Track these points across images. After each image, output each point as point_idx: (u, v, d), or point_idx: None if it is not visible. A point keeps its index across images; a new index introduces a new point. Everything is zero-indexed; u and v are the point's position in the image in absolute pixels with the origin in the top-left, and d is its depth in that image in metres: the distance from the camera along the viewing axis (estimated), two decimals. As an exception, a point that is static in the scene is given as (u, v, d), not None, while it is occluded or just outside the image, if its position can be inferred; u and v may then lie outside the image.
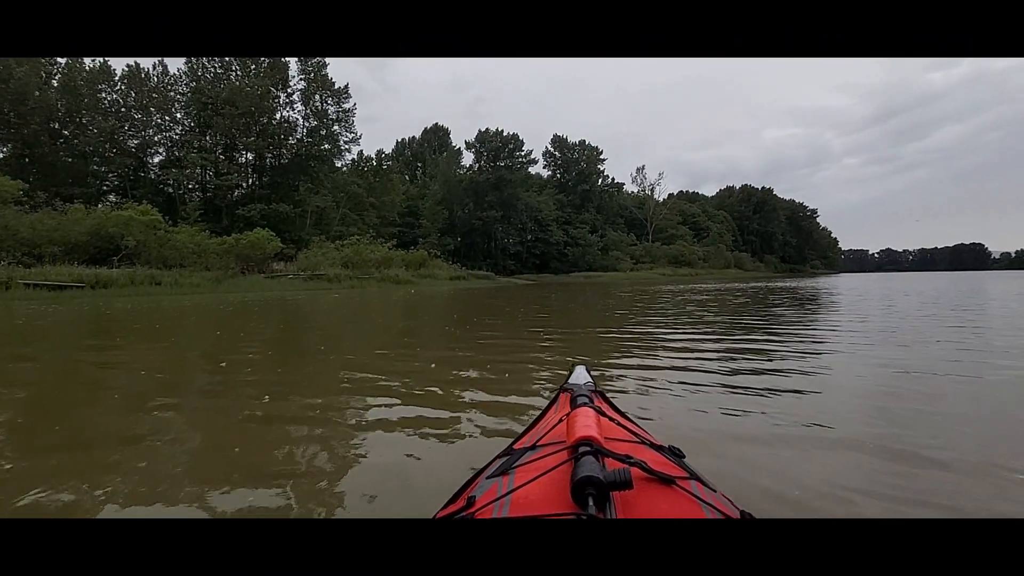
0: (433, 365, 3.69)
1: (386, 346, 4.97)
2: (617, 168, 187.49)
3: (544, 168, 59.52)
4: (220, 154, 34.36)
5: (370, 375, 3.37)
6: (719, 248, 66.38)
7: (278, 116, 35.89)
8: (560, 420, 0.94)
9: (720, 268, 61.94)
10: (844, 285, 20.65)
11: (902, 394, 2.70)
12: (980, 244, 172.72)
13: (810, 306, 9.36)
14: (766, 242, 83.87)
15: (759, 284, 23.34)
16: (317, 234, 32.07)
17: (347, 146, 38.56)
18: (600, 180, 59.87)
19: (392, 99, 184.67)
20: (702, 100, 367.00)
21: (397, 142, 59.19)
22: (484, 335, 5.65)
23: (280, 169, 36.02)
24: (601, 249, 53.09)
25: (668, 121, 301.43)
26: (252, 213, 30.50)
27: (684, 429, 2.14)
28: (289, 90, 36.09)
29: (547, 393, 2.74)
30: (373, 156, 40.96)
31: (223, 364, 3.85)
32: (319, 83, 36.33)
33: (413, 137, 59.30)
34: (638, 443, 0.87)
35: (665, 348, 4.43)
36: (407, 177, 52.45)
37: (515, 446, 0.95)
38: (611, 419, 0.95)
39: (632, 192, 68.31)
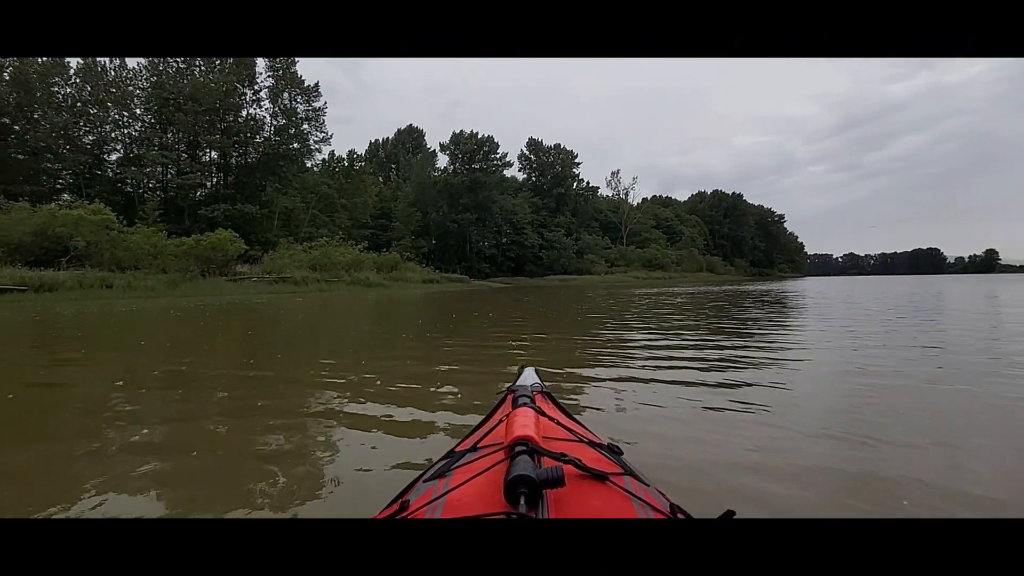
0: (375, 377, 3.37)
1: (335, 354, 4.61)
2: (592, 172, 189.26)
3: (519, 171, 59.50)
4: (182, 152, 33.07)
5: (314, 387, 3.03)
6: (692, 252, 67.45)
7: (244, 114, 34.77)
8: (500, 421, 0.97)
9: (693, 271, 62.93)
10: (813, 289, 21.04)
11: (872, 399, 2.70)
12: (937, 249, 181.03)
13: (785, 311, 9.35)
14: (736, 246, 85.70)
15: (732, 287, 23.63)
16: (285, 235, 31.13)
17: (317, 146, 37.67)
18: (575, 183, 60.10)
19: (367, 100, 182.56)
20: (675, 107, 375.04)
21: (370, 143, 58.23)
22: (446, 342, 5.34)
23: (246, 168, 34.86)
24: (576, 252, 53.21)
25: (642, 127, 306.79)
26: (216, 214, 29.37)
27: (647, 429, 2.18)
28: (256, 87, 35.01)
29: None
30: (345, 156, 40.11)
31: (120, 383, 3.44)
32: (288, 80, 35.36)
33: (387, 138, 58.46)
34: (576, 441, 0.88)
35: (642, 355, 4.21)
36: (380, 179, 51.59)
37: (456, 449, 0.94)
38: (551, 419, 0.95)
39: (607, 196, 68.87)
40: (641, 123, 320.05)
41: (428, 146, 56.54)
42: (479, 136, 48.62)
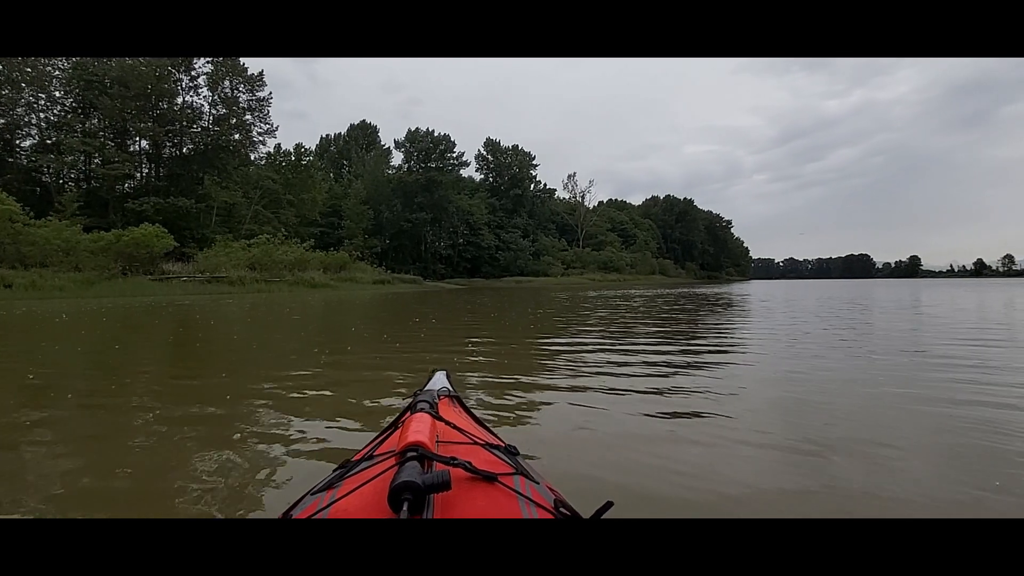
0: (272, 388, 2.75)
1: (232, 368, 3.93)
2: (549, 174, 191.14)
3: (476, 171, 58.84)
4: (108, 140, 30.35)
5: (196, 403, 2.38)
6: (645, 255, 68.92)
7: (180, 101, 32.40)
8: (396, 428, 0.96)
9: (646, 274, 64.30)
10: (761, 291, 21.62)
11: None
12: (867, 255, 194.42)
13: (746, 314, 9.28)
14: (687, 250, 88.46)
15: (686, 290, 24.03)
16: (224, 232, 29.21)
17: (261, 138, 35.53)
18: (532, 185, 60.02)
19: (321, 95, 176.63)
20: (631, 114, 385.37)
21: (321, 138, 55.95)
22: (373, 348, 4.73)
23: (181, 160, 32.49)
24: (533, 254, 53.09)
25: (598, 132, 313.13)
26: (145, 207, 27.09)
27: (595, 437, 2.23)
28: (193, 73, 32.64)
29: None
30: (292, 150, 38.12)
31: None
32: (229, 68, 33.20)
33: (339, 134, 56.36)
34: (472, 444, 0.88)
35: (588, 369, 3.77)
36: (332, 175, 49.62)
37: (353, 459, 0.91)
38: (449, 423, 0.95)
39: (563, 198, 69.25)
40: (598, 128, 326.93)
41: (382, 143, 54.96)
42: (436, 134, 47.62)
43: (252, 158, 36.02)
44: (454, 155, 48.38)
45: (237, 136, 34.09)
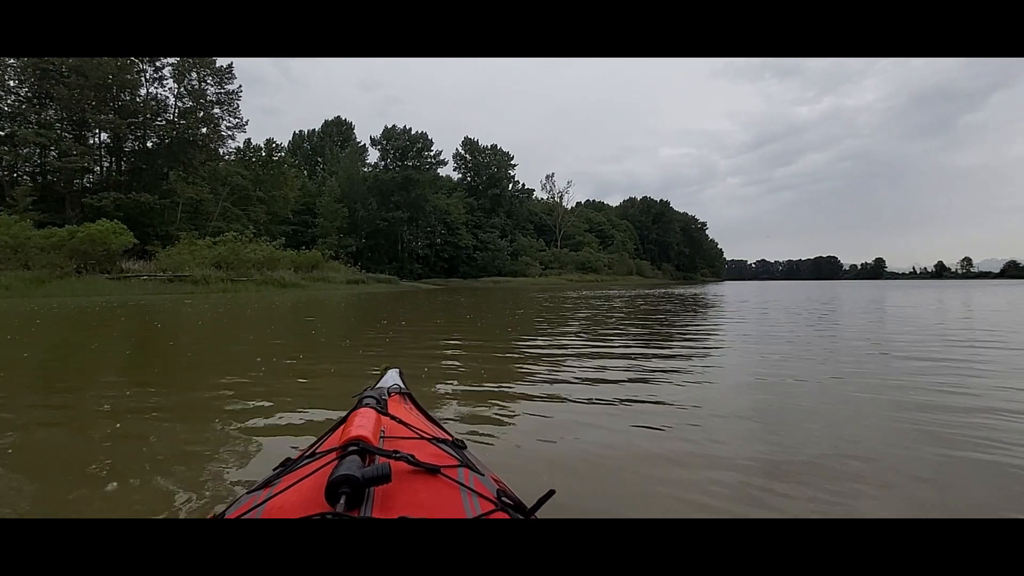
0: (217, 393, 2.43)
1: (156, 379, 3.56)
2: (527, 175, 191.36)
3: (454, 170, 58.33)
4: (65, 132, 28.92)
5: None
6: (623, 256, 69.41)
7: (143, 92, 31.12)
8: (341, 425, 0.95)
9: (624, 275, 64.74)
10: (738, 292, 21.83)
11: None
12: (835, 257, 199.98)
13: (728, 313, 9.20)
14: (663, 251, 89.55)
15: (665, 290, 24.14)
16: (190, 229, 28.14)
17: (230, 132, 34.34)
18: (511, 185, 59.80)
19: (296, 92, 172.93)
20: (609, 118, 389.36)
21: (294, 134, 54.53)
22: (330, 354, 4.41)
23: (144, 154, 31.20)
24: (511, 254, 52.84)
25: (577, 134, 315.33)
26: (105, 202, 25.87)
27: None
28: (158, 64, 31.34)
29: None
30: (263, 145, 37.02)
31: None
32: (196, 59, 32.00)
33: (313, 130, 55.09)
34: (418, 439, 0.88)
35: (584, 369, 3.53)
36: (305, 172, 48.44)
37: (294, 458, 0.89)
38: (395, 418, 0.94)
39: (542, 199, 69.23)
40: (577, 131, 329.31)
41: (358, 140, 53.95)
42: (413, 132, 46.91)
43: (221, 153, 34.84)
44: (431, 153, 47.75)
45: (205, 130, 32.84)
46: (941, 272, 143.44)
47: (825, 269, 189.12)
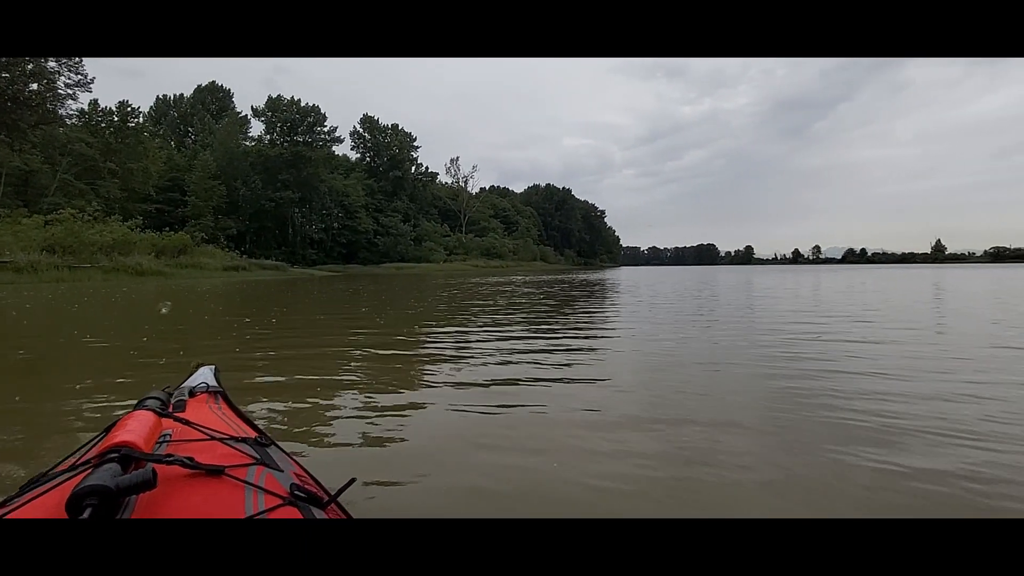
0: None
1: None
2: (431, 158, 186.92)
3: (352, 150, 54.85)
4: None
5: None
6: (527, 242, 70.53)
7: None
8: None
9: (528, 260, 65.84)
10: (642, 276, 22.82)
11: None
12: (713, 245, 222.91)
13: (632, 297, 9.21)
14: (565, 237, 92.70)
15: (570, 276, 24.51)
16: (18, 205, 23.26)
17: (71, 91, 28.74)
18: (413, 168, 57.66)
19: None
20: (514, 104, 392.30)
21: (158, 98, 47.56)
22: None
23: (-52, 111, 25.04)
24: (414, 239, 51.11)
25: (481, 120, 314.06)
26: None
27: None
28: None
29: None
30: (115, 109, 31.57)
31: None
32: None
33: (182, 95, 48.38)
34: (208, 440, 0.83)
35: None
36: (172, 143, 42.41)
37: (53, 470, 0.80)
38: (182, 420, 0.86)
39: (446, 183, 67.83)
40: (481, 116, 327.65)
41: (238, 110, 48.35)
42: (303, 104, 42.95)
43: (60, 115, 29.06)
44: (325, 129, 44.13)
45: (36, 86, 27.11)
46: (796, 258, 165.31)
47: (705, 256, 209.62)
